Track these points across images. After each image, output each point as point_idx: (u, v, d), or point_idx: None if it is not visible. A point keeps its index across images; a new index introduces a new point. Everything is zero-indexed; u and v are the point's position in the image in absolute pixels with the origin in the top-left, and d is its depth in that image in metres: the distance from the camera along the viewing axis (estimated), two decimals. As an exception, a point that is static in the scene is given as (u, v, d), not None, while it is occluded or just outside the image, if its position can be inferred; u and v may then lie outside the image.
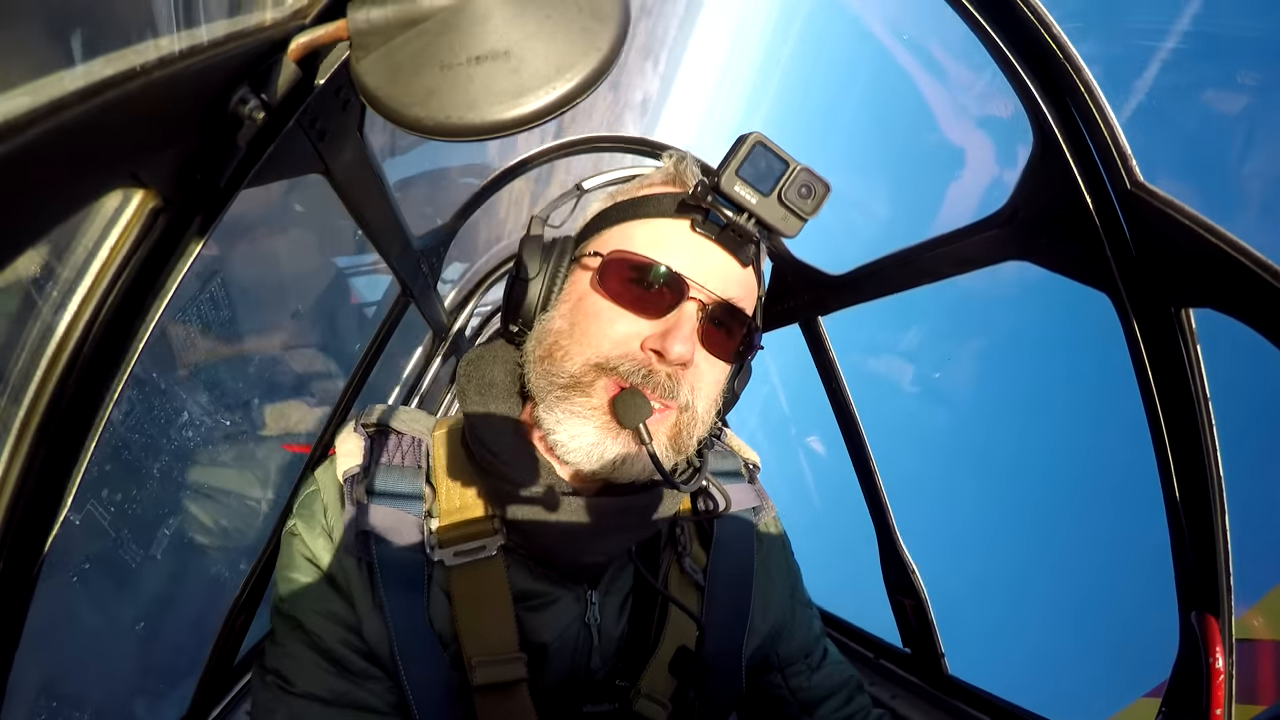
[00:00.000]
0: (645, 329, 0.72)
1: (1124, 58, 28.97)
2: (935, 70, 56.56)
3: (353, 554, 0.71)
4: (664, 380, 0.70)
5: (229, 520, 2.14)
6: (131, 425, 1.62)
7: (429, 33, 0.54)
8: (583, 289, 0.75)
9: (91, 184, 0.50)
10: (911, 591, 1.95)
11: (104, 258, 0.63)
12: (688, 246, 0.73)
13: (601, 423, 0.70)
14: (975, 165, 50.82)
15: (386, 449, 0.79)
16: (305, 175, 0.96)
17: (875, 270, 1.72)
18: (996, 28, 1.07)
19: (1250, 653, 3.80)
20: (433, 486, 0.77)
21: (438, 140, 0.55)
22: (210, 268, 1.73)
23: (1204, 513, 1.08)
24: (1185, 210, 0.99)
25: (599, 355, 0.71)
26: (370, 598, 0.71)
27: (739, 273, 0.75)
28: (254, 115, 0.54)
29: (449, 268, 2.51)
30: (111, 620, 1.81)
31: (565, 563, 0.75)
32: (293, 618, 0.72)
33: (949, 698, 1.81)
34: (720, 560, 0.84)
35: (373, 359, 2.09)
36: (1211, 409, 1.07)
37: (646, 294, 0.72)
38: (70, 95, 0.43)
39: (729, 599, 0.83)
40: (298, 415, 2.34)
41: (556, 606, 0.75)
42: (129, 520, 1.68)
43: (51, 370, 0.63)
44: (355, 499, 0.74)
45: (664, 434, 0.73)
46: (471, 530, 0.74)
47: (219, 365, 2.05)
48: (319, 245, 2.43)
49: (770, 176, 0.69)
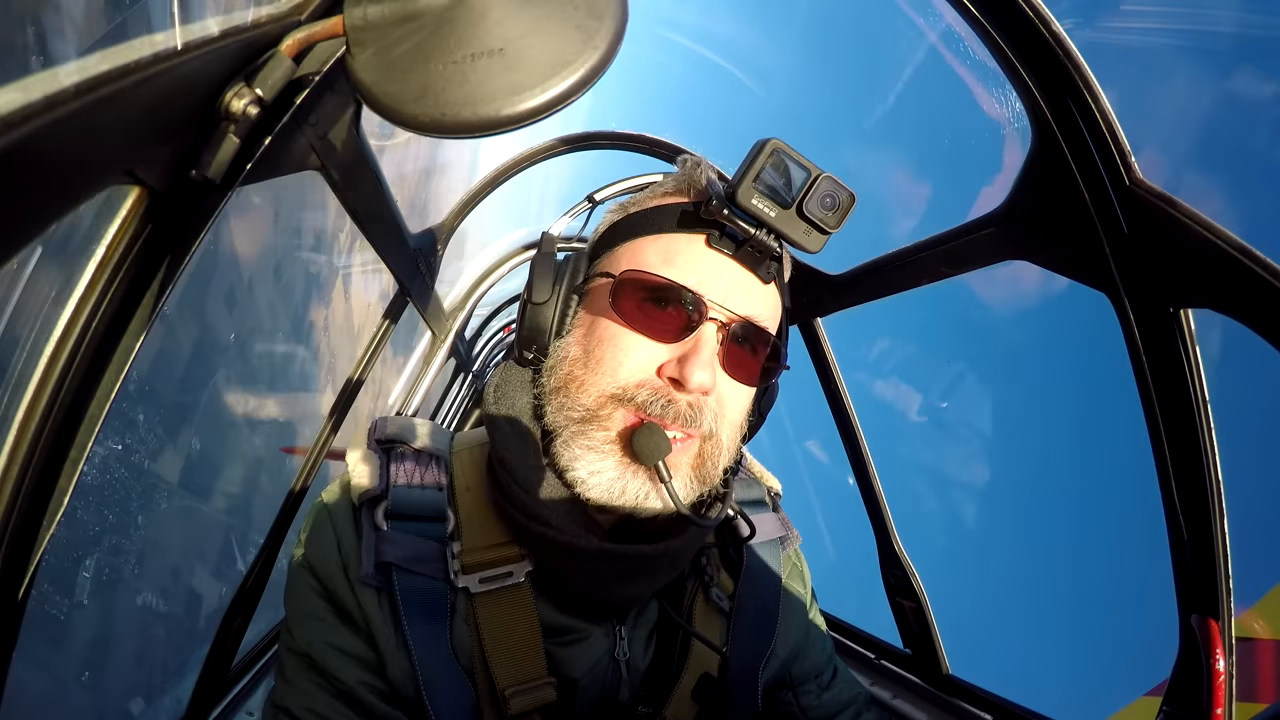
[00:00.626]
0: (663, 354, 0.68)
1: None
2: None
3: (372, 586, 0.67)
4: (685, 409, 0.67)
5: (229, 518, 2.14)
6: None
7: (425, 29, 0.54)
8: (596, 312, 0.71)
9: (88, 181, 0.49)
10: (911, 594, 1.95)
11: (101, 255, 0.62)
12: (704, 264, 0.69)
13: (619, 458, 0.67)
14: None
15: (404, 468, 0.73)
16: (302, 172, 0.96)
17: (873, 270, 1.71)
18: (994, 24, 1.07)
19: (1249, 652, 3.79)
20: (454, 507, 0.73)
21: (434, 137, 0.55)
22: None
23: (1203, 515, 1.08)
24: (1185, 208, 0.99)
25: (615, 386, 0.67)
26: (394, 634, 0.66)
27: (760, 289, 0.71)
28: (249, 112, 0.54)
29: (448, 267, 2.51)
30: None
31: (596, 602, 0.72)
32: (306, 656, 0.67)
33: (950, 697, 1.81)
34: (748, 590, 0.82)
35: (370, 359, 2.08)
36: (1210, 410, 1.06)
37: (662, 316, 0.68)
38: (65, 92, 0.43)
39: (754, 627, 0.81)
40: (295, 415, 2.34)
41: (587, 642, 0.72)
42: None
43: (51, 367, 0.63)
44: (374, 525, 0.69)
45: (687, 465, 0.70)
46: (497, 555, 0.70)
47: (216, 360, 2.05)
48: (319, 244, 2.43)
49: (790, 187, 0.65)
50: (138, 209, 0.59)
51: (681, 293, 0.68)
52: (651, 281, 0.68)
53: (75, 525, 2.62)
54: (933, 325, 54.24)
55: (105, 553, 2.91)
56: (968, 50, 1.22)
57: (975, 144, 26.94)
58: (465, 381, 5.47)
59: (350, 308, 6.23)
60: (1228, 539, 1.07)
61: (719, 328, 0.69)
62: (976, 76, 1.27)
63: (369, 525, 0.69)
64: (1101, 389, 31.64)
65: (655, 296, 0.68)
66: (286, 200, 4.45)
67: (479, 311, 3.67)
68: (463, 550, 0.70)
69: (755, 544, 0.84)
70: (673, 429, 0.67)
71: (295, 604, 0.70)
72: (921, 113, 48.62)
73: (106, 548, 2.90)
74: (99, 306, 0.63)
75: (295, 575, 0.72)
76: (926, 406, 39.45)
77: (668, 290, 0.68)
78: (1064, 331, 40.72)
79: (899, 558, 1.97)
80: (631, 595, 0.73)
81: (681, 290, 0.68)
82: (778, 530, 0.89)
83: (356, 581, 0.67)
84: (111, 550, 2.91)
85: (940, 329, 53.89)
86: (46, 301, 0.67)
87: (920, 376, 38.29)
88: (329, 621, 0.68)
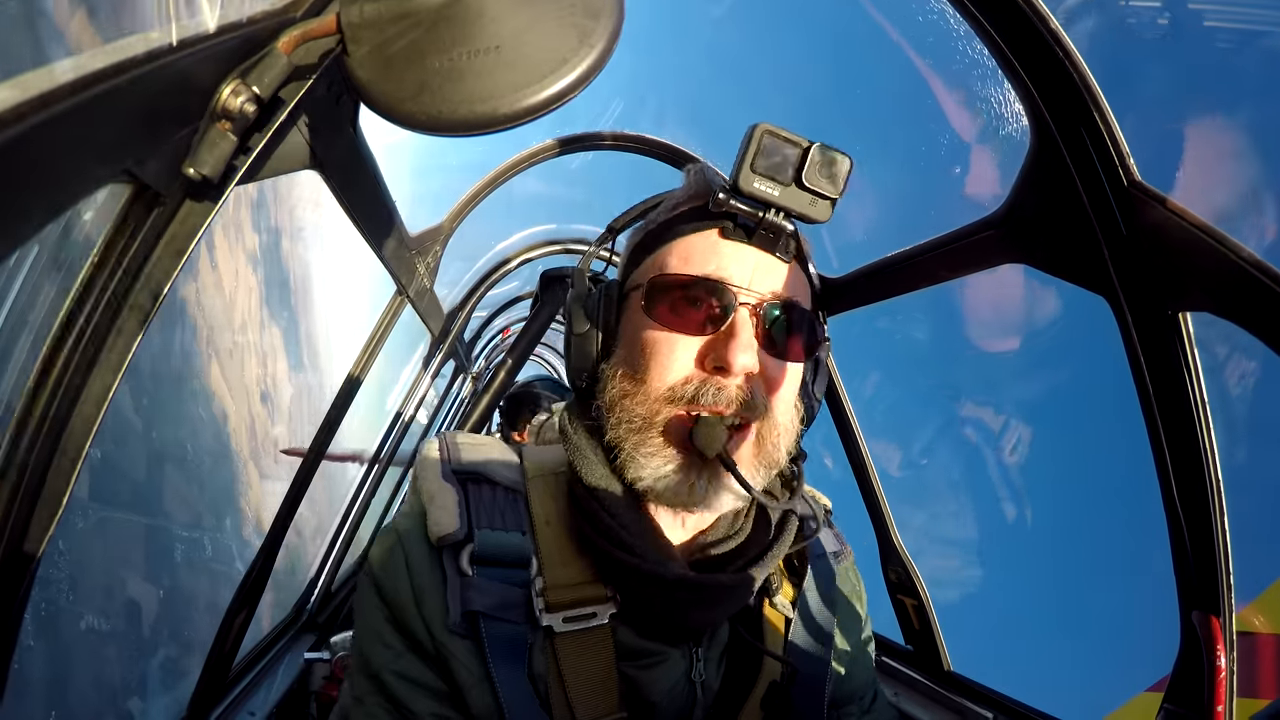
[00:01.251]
0: (703, 347, 0.70)
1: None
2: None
3: (458, 632, 0.68)
4: (735, 394, 0.68)
5: (230, 518, 2.14)
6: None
7: (421, 26, 0.54)
8: (634, 326, 0.73)
9: (83, 179, 0.49)
10: (912, 591, 1.95)
11: (99, 253, 0.62)
12: (723, 254, 0.71)
13: (681, 457, 0.69)
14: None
15: (485, 507, 0.74)
16: (299, 170, 0.96)
17: (873, 273, 1.71)
18: (994, 24, 1.07)
19: (1250, 648, 3.80)
20: (536, 544, 0.73)
21: (430, 135, 0.55)
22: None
23: (1203, 514, 1.08)
24: (1184, 211, 0.99)
25: (664, 388, 0.69)
26: (478, 669, 0.68)
27: (781, 268, 0.73)
28: (246, 109, 0.54)
29: (448, 268, 2.51)
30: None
31: (677, 628, 0.73)
32: (376, 679, 0.69)
33: (951, 694, 1.82)
34: (809, 600, 0.83)
35: (369, 359, 2.08)
36: (1209, 412, 1.06)
37: (695, 312, 0.70)
38: (59, 89, 0.42)
39: (814, 637, 0.82)
40: (293, 416, 2.35)
41: (666, 665, 0.73)
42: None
43: (48, 367, 0.62)
44: (458, 570, 0.69)
45: (749, 452, 0.71)
46: (582, 595, 0.71)
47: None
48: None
49: (788, 164, 0.67)
50: (135, 207, 0.59)
51: (707, 284, 0.70)
52: (677, 280, 0.71)
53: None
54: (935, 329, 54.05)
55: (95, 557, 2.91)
56: (969, 50, 1.22)
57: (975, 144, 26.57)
58: (464, 383, 5.48)
59: (348, 308, 6.26)
60: (1228, 537, 1.07)
61: (751, 311, 0.70)
62: (976, 76, 1.27)
63: (452, 569, 0.70)
64: (1102, 389, 31.51)
65: (684, 295, 0.70)
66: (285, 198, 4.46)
67: (478, 313, 3.67)
68: (546, 588, 0.71)
69: (817, 557, 0.86)
70: (728, 416, 0.69)
71: (364, 625, 0.72)
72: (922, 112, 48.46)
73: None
74: (96, 305, 0.62)
75: (365, 597, 0.73)
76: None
77: (694, 285, 0.70)
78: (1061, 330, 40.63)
79: (900, 554, 1.97)
80: (709, 621, 0.74)
81: (706, 282, 0.70)
82: (833, 544, 0.91)
83: (434, 620, 0.68)
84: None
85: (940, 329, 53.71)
86: (43, 300, 0.67)
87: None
88: (396, 649, 0.69)
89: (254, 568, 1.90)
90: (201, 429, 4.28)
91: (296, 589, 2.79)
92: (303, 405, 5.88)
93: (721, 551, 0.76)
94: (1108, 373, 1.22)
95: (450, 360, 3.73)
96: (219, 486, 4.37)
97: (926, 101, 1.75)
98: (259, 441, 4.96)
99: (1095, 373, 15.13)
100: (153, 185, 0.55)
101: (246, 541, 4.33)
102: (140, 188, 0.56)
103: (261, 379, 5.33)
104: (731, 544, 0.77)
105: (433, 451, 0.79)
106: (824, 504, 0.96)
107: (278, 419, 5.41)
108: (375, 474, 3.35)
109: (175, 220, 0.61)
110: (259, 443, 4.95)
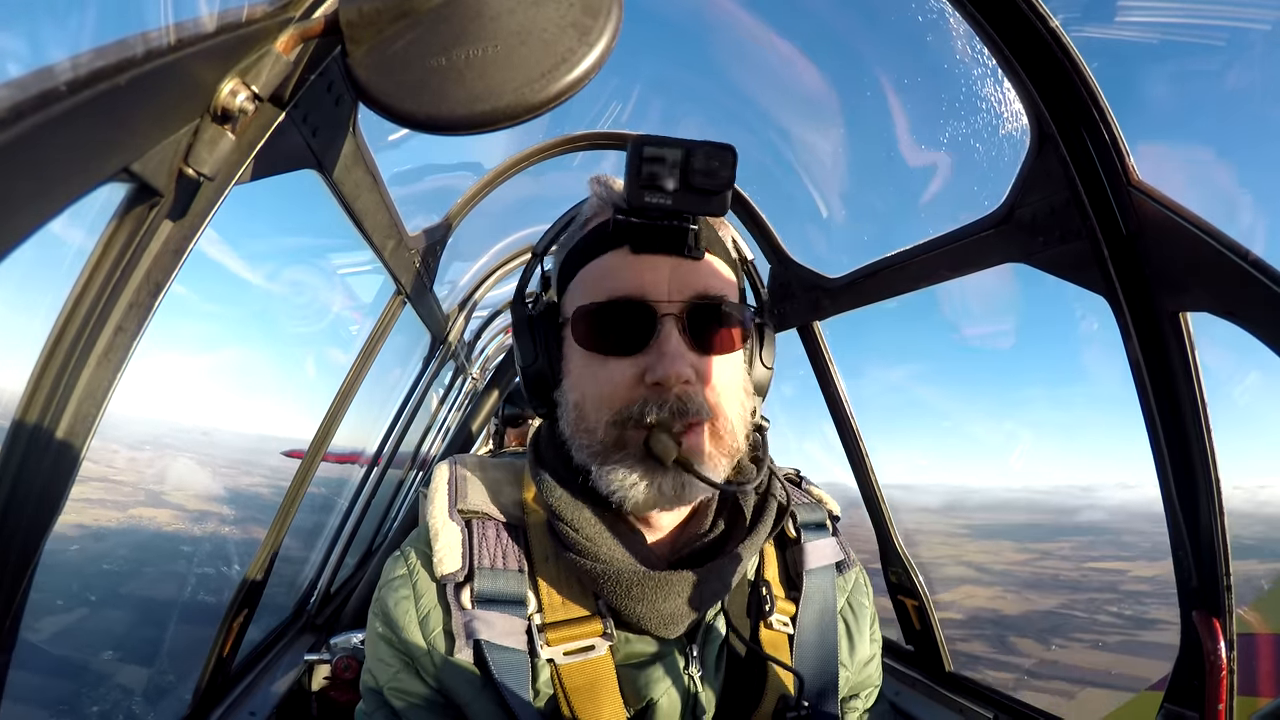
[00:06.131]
0: (639, 365, 0.71)
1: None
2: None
3: (465, 660, 0.73)
4: (678, 403, 0.70)
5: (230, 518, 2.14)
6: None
7: (421, 25, 0.54)
8: (572, 356, 0.76)
9: (82, 178, 0.49)
10: (913, 592, 1.95)
11: (98, 252, 0.62)
12: (637, 269, 0.73)
13: (643, 468, 0.71)
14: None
15: (486, 545, 0.79)
16: (298, 169, 0.96)
17: (872, 273, 1.71)
18: (994, 24, 1.07)
19: (1249, 647, 3.79)
20: (535, 583, 0.78)
21: (430, 134, 0.55)
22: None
23: (1203, 514, 1.08)
24: (1184, 211, 0.98)
25: (611, 412, 0.71)
26: (482, 688, 0.73)
27: (696, 267, 0.75)
28: (245, 108, 0.54)
29: (448, 268, 2.50)
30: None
31: (657, 622, 0.76)
32: (379, 694, 0.76)
33: (952, 694, 1.82)
34: (807, 614, 0.85)
35: (367, 360, 2.08)
36: (1209, 411, 1.06)
37: (623, 332, 0.72)
38: (58, 88, 0.42)
39: (816, 650, 0.83)
40: (290, 418, 2.34)
41: (663, 663, 0.77)
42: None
43: (48, 366, 0.62)
44: (461, 605, 0.74)
45: (706, 446, 0.73)
46: (580, 631, 0.75)
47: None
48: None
49: (670, 170, 0.67)
50: (134, 205, 0.59)
51: (628, 305, 0.72)
52: (599, 307, 0.73)
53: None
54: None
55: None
56: (969, 49, 1.22)
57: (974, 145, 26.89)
58: (464, 383, 5.47)
59: (346, 308, 6.26)
60: (1228, 537, 1.07)
61: (674, 319, 0.72)
62: (975, 77, 1.27)
63: (455, 604, 0.75)
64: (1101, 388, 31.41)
65: (610, 319, 0.72)
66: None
67: (478, 313, 3.67)
68: (545, 625, 0.75)
69: (813, 568, 0.88)
70: (677, 425, 0.71)
71: (371, 646, 0.78)
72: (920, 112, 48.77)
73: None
74: (96, 303, 0.62)
75: (374, 622, 0.79)
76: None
77: (615, 308, 0.72)
78: (1061, 330, 40.63)
79: (900, 555, 1.97)
80: (683, 612, 0.76)
81: (627, 303, 0.72)
82: (836, 554, 0.92)
83: (446, 654, 0.74)
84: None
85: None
86: (42, 299, 0.67)
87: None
88: (395, 667, 0.76)
89: (254, 568, 1.90)
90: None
91: (297, 589, 2.79)
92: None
93: (705, 543, 0.79)
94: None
95: (450, 361, 3.72)
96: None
97: (926, 101, 1.75)
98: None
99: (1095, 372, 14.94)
100: (152, 184, 0.55)
101: (246, 542, 4.33)
102: (139, 186, 0.56)
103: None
104: (713, 535, 0.79)
105: (441, 482, 0.83)
106: (833, 509, 0.97)
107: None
108: (375, 474, 3.35)
109: (174, 219, 0.61)
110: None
